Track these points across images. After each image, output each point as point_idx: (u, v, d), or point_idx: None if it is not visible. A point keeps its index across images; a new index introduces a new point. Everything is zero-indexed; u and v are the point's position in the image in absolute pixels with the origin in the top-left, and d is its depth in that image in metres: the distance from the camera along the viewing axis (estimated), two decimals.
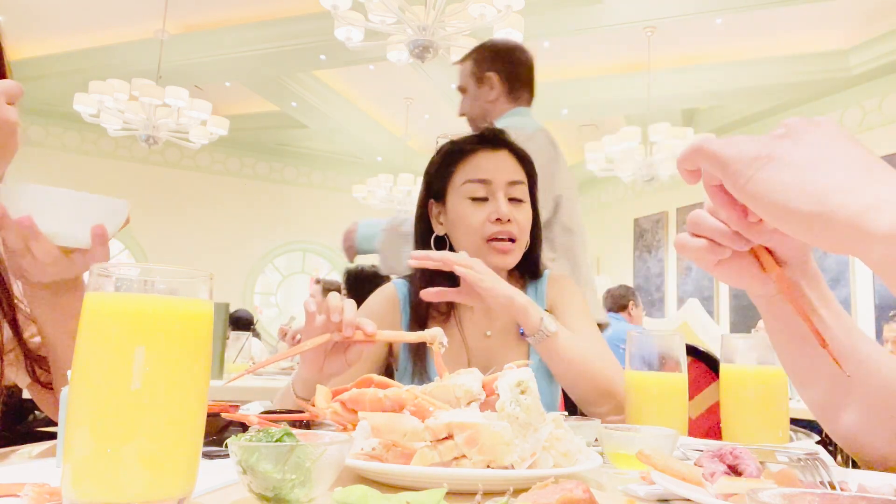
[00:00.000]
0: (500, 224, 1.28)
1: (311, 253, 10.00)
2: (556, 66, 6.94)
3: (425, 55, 4.34)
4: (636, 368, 1.08)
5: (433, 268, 1.15)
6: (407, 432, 0.65)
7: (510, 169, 1.33)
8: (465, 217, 1.31)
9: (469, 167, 1.33)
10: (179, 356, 0.50)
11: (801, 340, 0.77)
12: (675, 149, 5.87)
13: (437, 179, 1.37)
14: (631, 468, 0.73)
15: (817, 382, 0.79)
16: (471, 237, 1.30)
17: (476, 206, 1.30)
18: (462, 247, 1.32)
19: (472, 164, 1.33)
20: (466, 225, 1.30)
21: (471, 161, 1.33)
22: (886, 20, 5.72)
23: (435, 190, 1.38)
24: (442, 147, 1.39)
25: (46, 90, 7.05)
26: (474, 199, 1.30)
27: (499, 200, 1.29)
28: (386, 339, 1.06)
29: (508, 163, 1.34)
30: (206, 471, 0.62)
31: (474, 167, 1.32)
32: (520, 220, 1.31)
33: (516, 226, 1.30)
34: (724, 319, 7.57)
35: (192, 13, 6.22)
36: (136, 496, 0.47)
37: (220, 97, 7.59)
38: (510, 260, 1.31)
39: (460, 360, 1.32)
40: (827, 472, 0.63)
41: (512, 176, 1.32)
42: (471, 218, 1.30)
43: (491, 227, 1.28)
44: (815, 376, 0.79)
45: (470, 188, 1.31)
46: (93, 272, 0.51)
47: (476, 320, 1.35)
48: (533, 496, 0.47)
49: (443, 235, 1.37)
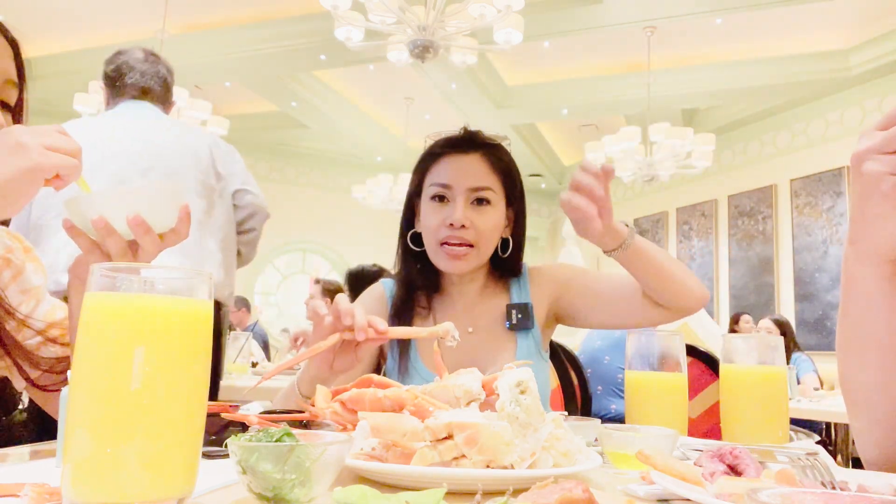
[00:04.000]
0: (454, 229, 1.29)
1: (311, 253, 9.99)
2: (556, 66, 6.95)
3: (425, 55, 4.34)
4: (636, 368, 1.08)
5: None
6: (407, 432, 0.65)
7: (475, 174, 1.32)
8: (425, 218, 1.34)
9: (436, 170, 1.35)
10: (179, 356, 0.50)
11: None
12: (675, 149, 5.87)
13: (415, 179, 1.40)
14: (631, 468, 0.73)
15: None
16: (429, 238, 1.33)
17: (436, 208, 1.32)
18: (426, 247, 1.35)
19: (439, 168, 1.35)
20: (426, 226, 1.34)
21: (439, 164, 1.35)
22: (886, 20, 5.72)
23: (414, 189, 1.42)
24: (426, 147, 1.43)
25: (46, 90, 7.05)
26: (435, 200, 1.33)
27: (457, 204, 1.30)
28: (398, 336, 1.07)
29: (476, 168, 1.33)
30: (206, 471, 0.62)
31: (440, 171, 1.34)
32: (479, 225, 1.30)
33: (473, 231, 1.29)
34: (724, 319, 7.57)
35: (192, 13, 6.22)
36: (136, 496, 0.47)
37: (220, 97, 7.58)
38: (462, 265, 1.31)
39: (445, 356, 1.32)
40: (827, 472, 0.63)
41: (475, 182, 1.31)
42: (428, 220, 1.33)
43: (444, 231, 1.30)
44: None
45: (432, 190, 1.33)
46: (93, 272, 0.51)
47: (458, 316, 1.36)
48: (533, 496, 0.47)
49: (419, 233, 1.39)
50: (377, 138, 8.84)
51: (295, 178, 9.78)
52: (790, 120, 7.13)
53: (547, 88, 7.29)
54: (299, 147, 9.52)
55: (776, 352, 1.05)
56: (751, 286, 7.36)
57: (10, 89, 0.93)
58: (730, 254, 7.65)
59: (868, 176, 0.68)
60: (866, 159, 0.68)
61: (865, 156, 0.68)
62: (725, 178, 7.79)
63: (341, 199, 9.40)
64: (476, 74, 6.83)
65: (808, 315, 6.67)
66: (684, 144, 5.85)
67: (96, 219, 0.79)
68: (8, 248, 1.03)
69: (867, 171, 0.68)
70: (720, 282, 7.74)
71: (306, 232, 9.72)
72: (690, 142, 5.85)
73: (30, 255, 1.07)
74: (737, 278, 7.54)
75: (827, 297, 6.53)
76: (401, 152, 8.83)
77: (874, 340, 0.77)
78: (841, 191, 6.51)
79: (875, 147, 0.68)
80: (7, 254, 1.02)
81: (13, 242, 1.04)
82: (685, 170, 6.16)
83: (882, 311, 0.76)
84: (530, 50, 6.31)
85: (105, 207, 0.80)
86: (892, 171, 0.67)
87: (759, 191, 7.37)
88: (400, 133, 8.49)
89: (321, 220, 9.70)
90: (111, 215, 0.79)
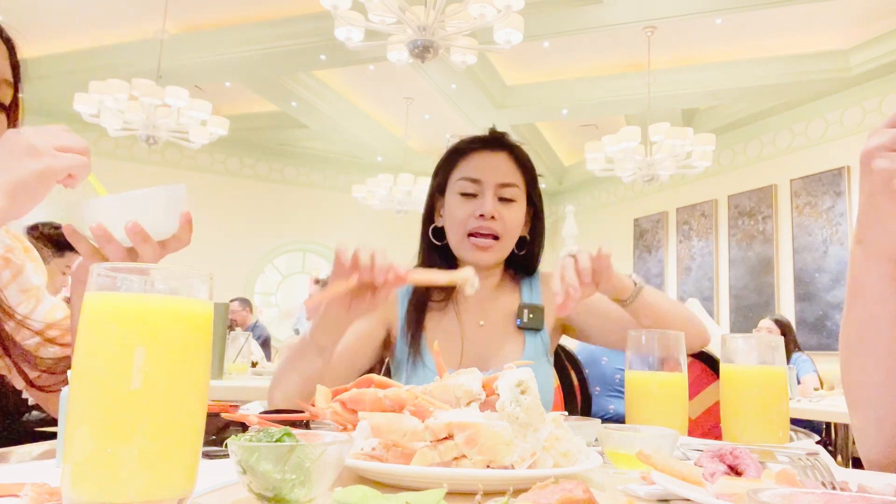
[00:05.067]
0: (483, 220, 1.35)
1: (311, 253, 9.99)
2: (556, 66, 6.94)
3: (425, 55, 4.34)
4: (636, 368, 1.08)
5: None
6: (407, 432, 0.65)
7: (504, 171, 1.39)
8: (453, 210, 1.39)
9: (465, 165, 1.41)
10: (179, 356, 0.50)
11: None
12: (675, 149, 5.87)
13: (440, 175, 1.45)
14: (631, 468, 0.73)
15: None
16: (456, 230, 1.38)
17: (465, 201, 1.38)
18: (450, 238, 1.40)
19: (469, 163, 1.41)
20: (453, 218, 1.39)
21: (468, 160, 1.41)
22: (886, 20, 5.72)
23: (438, 184, 1.46)
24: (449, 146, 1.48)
25: (46, 90, 7.05)
26: (464, 194, 1.38)
27: (486, 197, 1.35)
28: (416, 281, 1.13)
29: (504, 165, 1.40)
30: (206, 471, 0.62)
31: (470, 166, 1.40)
32: (506, 218, 1.36)
33: (501, 224, 1.36)
34: (724, 319, 7.57)
35: (192, 13, 6.21)
36: (136, 496, 0.47)
37: (220, 97, 7.58)
38: (488, 257, 1.37)
39: (454, 348, 1.36)
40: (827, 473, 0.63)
41: (504, 178, 1.38)
42: (458, 212, 1.38)
43: (474, 222, 1.35)
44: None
45: (462, 185, 1.39)
46: (93, 272, 0.51)
47: (471, 309, 1.41)
48: (533, 496, 0.47)
49: (441, 227, 1.44)
50: (377, 138, 8.84)
51: (295, 178, 9.78)
52: (790, 120, 7.13)
53: (547, 88, 7.29)
54: (299, 147, 9.52)
55: (776, 352, 1.04)
56: (751, 286, 7.36)
57: (4, 89, 0.93)
58: (730, 254, 7.64)
59: (878, 173, 0.67)
60: (876, 156, 0.68)
61: (875, 153, 0.68)
62: (725, 178, 7.78)
63: (341, 199, 9.40)
64: (476, 74, 6.83)
65: (808, 315, 6.67)
66: (684, 144, 5.84)
67: (94, 227, 0.79)
68: (8, 247, 1.03)
69: (877, 168, 0.67)
70: (720, 282, 7.73)
71: (306, 232, 9.72)
72: (690, 142, 5.85)
73: (29, 255, 1.07)
74: (737, 278, 7.53)
75: (827, 297, 6.53)
76: (401, 152, 8.82)
77: (878, 340, 0.77)
78: (841, 191, 6.51)
79: (885, 144, 0.68)
80: (7, 253, 1.02)
81: (13, 242, 1.05)
82: (685, 170, 6.16)
83: (887, 311, 0.76)
84: (530, 50, 6.31)
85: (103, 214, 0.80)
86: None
87: (759, 191, 7.36)
88: (400, 133, 8.49)
89: (321, 220, 9.70)
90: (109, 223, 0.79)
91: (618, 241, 9.18)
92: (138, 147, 8.26)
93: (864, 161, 0.69)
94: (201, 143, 6.18)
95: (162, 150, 8.31)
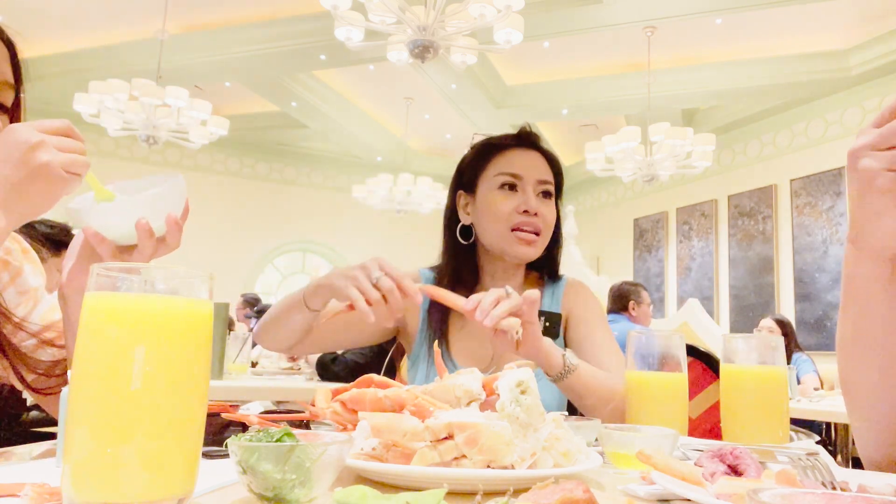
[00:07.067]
0: (528, 216, 1.34)
1: (310, 253, 9.99)
2: (556, 66, 6.94)
3: (425, 55, 4.34)
4: (636, 368, 1.08)
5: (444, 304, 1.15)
6: (407, 432, 0.65)
7: (541, 168, 1.40)
8: (493, 204, 1.36)
9: (503, 161, 1.39)
10: (179, 356, 0.50)
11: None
12: (675, 149, 5.87)
13: (470, 171, 1.44)
14: (631, 468, 0.73)
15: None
16: (497, 225, 1.35)
17: (506, 195, 1.36)
18: (487, 234, 1.38)
19: (506, 159, 1.39)
20: (494, 212, 1.35)
21: (505, 156, 1.40)
22: (886, 20, 5.72)
23: (465, 181, 1.44)
24: (477, 143, 1.47)
25: (46, 90, 7.05)
26: (503, 190, 1.36)
27: (528, 193, 1.35)
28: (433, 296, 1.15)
29: (540, 163, 1.41)
30: (206, 471, 0.62)
31: (508, 161, 1.39)
32: (546, 215, 1.37)
33: (542, 220, 1.36)
34: (724, 319, 7.57)
35: (192, 13, 6.21)
36: (136, 496, 0.47)
37: (220, 97, 7.59)
38: (532, 252, 1.36)
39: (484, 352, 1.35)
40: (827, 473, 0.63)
41: (542, 175, 1.39)
42: (500, 205, 1.35)
43: (518, 217, 1.34)
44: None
45: (501, 179, 1.37)
46: (93, 272, 0.51)
47: None
48: (533, 496, 0.47)
49: (468, 225, 1.42)
50: (377, 138, 8.84)
51: (295, 178, 9.78)
52: (790, 120, 7.13)
53: (547, 88, 7.29)
54: (299, 147, 9.52)
55: (776, 352, 1.04)
56: (751, 286, 7.36)
57: (6, 91, 0.93)
58: (730, 254, 7.64)
59: (863, 172, 0.68)
60: (861, 156, 0.68)
61: (860, 152, 0.69)
62: (725, 178, 7.79)
63: (341, 199, 9.41)
64: (476, 74, 6.83)
65: (809, 315, 6.67)
66: (684, 144, 5.84)
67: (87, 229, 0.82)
68: (6, 249, 1.03)
69: (862, 168, 0.68)
70: (720, 282, 7.74)
71: (306, 232, 9.72)
72: (690, 142, 5.85)
73: (28, 256, 1.06)
74: (737, 278, 7.53)
75: (827, 297, 6.53)
76: (401, 152, 8.83)
77: (874, 340, 0.77)
78: (841, 191, 6.51)
79: (870, 143, 0.68)
80: (5, 255, 1.02)
81: (11, 244, 1.04)
82: (685, 170, 6.16)
83: (881, 310, 0.76)
84: (530, 50, 6.31)
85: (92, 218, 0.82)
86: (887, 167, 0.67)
87: (759, 191, 7.36)
88: (400, 133, 8.49)
89: (321, 220, 9.70)
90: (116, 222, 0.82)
91: (618, 241, 9.18)
92: (138, 147, 8.27)
93: (850, 160, 0.70)
94: (201, 143, 6.18)
95: (162, 150, 8.31)
